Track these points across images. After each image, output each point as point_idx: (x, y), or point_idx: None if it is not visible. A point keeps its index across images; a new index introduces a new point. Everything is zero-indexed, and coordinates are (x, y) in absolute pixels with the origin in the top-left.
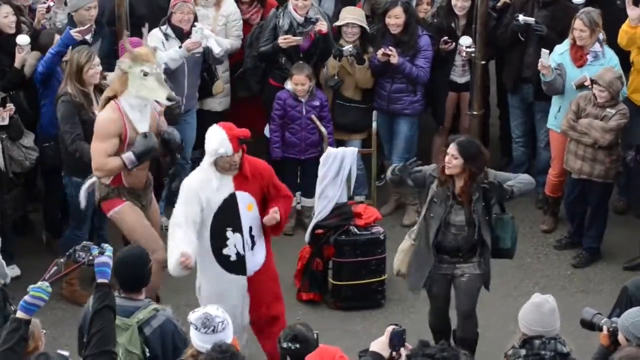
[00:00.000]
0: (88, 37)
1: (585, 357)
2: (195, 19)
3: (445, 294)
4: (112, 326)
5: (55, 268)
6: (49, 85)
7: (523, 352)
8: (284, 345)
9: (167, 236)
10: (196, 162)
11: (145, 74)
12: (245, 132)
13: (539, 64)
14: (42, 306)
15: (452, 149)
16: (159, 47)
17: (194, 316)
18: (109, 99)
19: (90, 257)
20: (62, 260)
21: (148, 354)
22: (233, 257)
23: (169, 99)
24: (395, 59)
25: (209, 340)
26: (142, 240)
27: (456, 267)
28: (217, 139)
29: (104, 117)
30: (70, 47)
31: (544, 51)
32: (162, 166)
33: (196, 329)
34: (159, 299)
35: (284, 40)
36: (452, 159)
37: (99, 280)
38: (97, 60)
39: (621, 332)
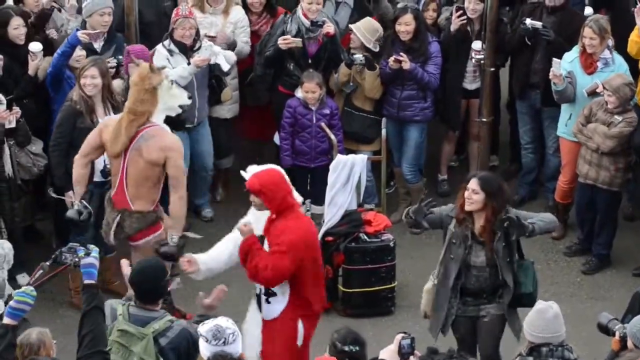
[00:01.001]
0: (96, 45)
1: None
2: (197, 34)
3: (471, 337)
4: (102, 327)
5: (40, 271)
6: (59, 89)
7: (531, 359)
8: (346, 348)
9: None
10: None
11: (172, 83)
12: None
13: (551, 72)
14: (28, 311)
15: (473, 183)
16: (166, 64)
17: (204, 328)
18: (141, 125)
19: (77, 259)
20: (47, 263)
21: None
22: (257, 290)
23: (188, 97)
24: (407, 65)
25: (220, 352)
26: None
27: (480, 309)
28: None
29: (179, 141)
30: (79, 47)
31: (556, 60)
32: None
33: (206, 341)
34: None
35: (283, 42)
36: (473, 194)
37: (86, 282)
38: (91, 71)
39: (630, 338)
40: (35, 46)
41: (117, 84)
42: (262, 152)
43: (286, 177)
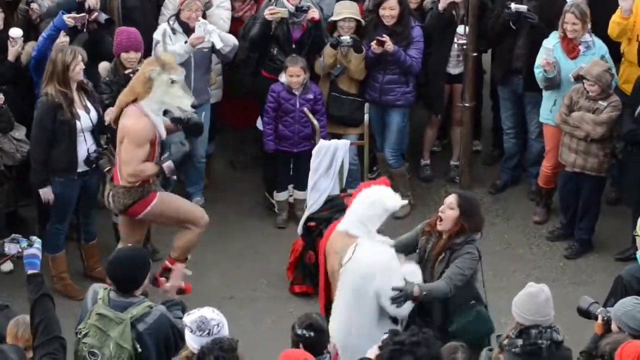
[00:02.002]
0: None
1: (578, 348)
2: (204, 16)
3: None
4: (52, 313)
5: None
6: (42, 74)
7: (520, 341)
8: (299, 332)
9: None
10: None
11: (173, 82)
12: None
13: (543, 60)
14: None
15: (451, 198)
16: (167, 41)
17: (189, 319)
18: (126, 103)
19: (19, 249)
20: None
21: (139, 350)
22: None
23: (193, 105)
24: (390, 47)
25: (205, 342)
26: (190, 212)
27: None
28: None
29: (139, 125)
30: (63, 33)
31: (548, 48)
32: None
33: (191, 331)
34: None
35: (269, 12)
36: (448, 209)
37: (29, 272)
38: (80, 57)
39: (614, 321)
40: (15, 32)
41: (104, 65)
42: (245, 137)
43: None
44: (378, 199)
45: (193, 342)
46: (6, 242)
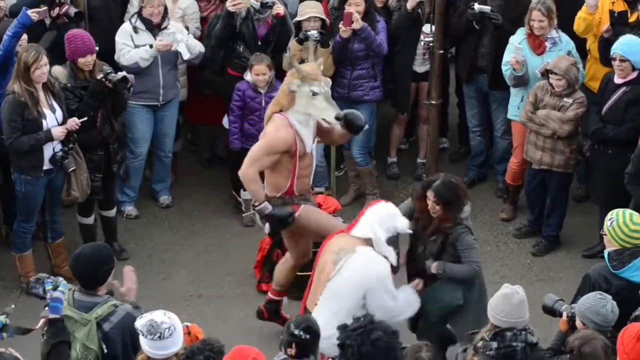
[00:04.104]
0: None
1: (544, 345)
2: (166, 11)
3: None
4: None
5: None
6: (7, 74)
7: (494, 344)
8: (295, 332)
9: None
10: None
11: (315, 94)
12: None
13: (512, 59)
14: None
15: (431, 195)
16: (128, 41)
17: (139, 322)
18: (273, 113)
19: (43, 292)
20: (12, 306)
21: (105, 351)
22: None
23: (337, 117)
24: (358, 24)
25: (156, 346)
26: (330, 229)
27: None
28: None
29: (280, 135)
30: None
31: (518, 47)
32: (112, 154)
33: (143, 335)
34: None
35: (231, 3)
36: (435, 205)
37: (51, 316)
38: (44, 60)
39: (578, 317)
40: None
41: (59, 70)
42: (215, 135)
43: None
44: (393, 214)
45: (146, 345)
46: (32, 282)
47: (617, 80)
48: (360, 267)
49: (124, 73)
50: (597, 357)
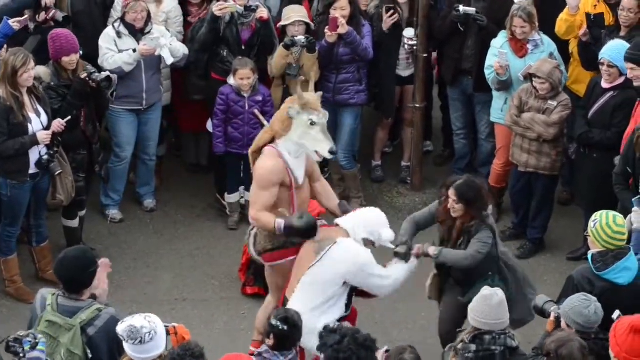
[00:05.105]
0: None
1: (530, 346)
2: (149, 16)
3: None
4: None
5: None
6: None
7: (473, 347)
8: (273, 322)
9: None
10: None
11: (313, 124)
12: None
13: (495, 64)
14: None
15: (452, 193)
16: (112, 46)
17: (120, 328)
18: (264, 142)
19: (21, 353)
20: None
21: (90, 356)
22: None
23: (331, 151)
24: (344, 29)
25: (138, 350)
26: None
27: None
28: None
29: (267, 166)
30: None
31: (502, 51)
32: (94, 154)
33: (124, 340)
34: None
35: (217, 9)
36: (455, 204)
37: None
38: (32, 64)
39: (563, 318)
40: None
41: (42, 69)
42: (198, 140)
43: None
44: (382, 223)
45: (129, 349)
46: (10, 341)
47: (605, 85)
48: (341, 256)
49: (107, 73)
50: (574, 359)
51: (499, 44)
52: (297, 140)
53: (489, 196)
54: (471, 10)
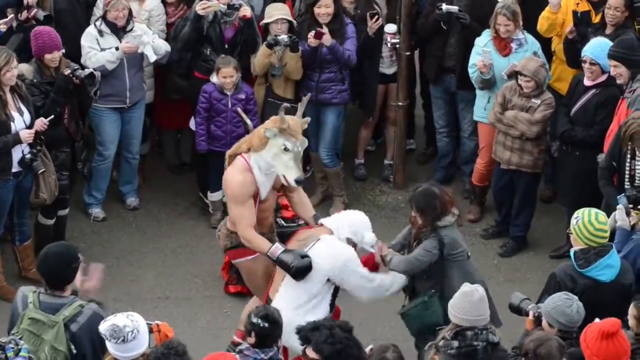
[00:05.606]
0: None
1: (512, 344)
2: (130, 14)
3: None
4: None
5: None
6: None
7: (455, 343)
8: (253, 320)
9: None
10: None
11: (286, 149)
12: None
13: (479, 63)
14: None
15: (411, 203)
16: (94, 45)
17: (103, 326)
18: (240, 150)
19: (4, 358)
20: None
21: (74, 351)
22: None
23: (297, 181)
24: (328, 41)
25: (121, 349)
26: (256, 290)
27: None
28: None
29: (237, 180)
30: None
31: (485, 50)
32: (77, 151)
33: (107, 339)
34: None
35: (201, 7)
36: (413, 213)
37: None
38: (15, 62)
39: (544, 317)
40: None
41: (25, 67)
42: (180, 139)
43: None
44: (367, 226)
45: (111, 348)
46: None
47: (587, 82)
48: (325, 252)
49: (90, 69)
50: (553, 358)
51: (483, 42)
52: (269, 160)
53: (447, 206)
54: (454, 8)
